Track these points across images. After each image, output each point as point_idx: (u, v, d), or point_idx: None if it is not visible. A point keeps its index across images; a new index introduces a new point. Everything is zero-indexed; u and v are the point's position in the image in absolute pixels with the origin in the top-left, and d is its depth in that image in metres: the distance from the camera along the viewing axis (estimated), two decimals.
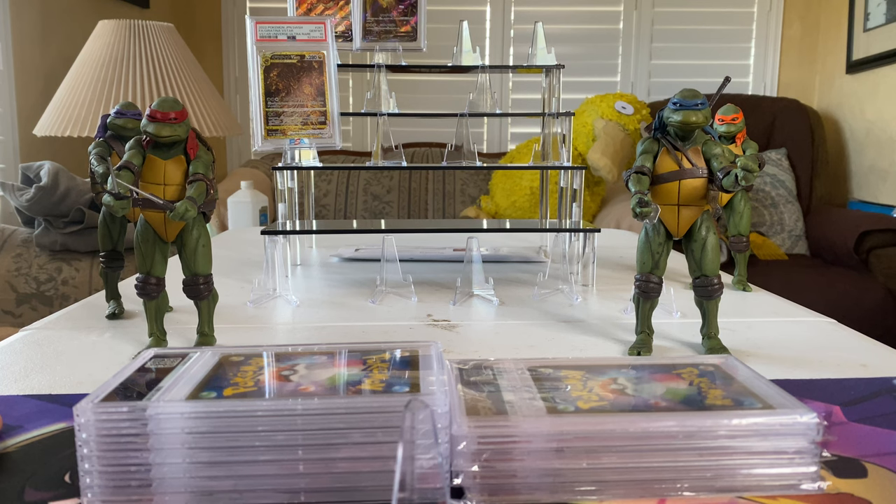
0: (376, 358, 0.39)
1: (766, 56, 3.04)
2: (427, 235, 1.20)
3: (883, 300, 2.18)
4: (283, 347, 0.41)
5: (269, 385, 0.35)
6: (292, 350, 0.41)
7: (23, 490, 0.36)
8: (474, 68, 0.99)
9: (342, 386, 0.35)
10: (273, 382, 0.35)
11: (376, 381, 0.35)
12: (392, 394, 0.34)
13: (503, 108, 2.92)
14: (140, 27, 1.98)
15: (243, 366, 0.37)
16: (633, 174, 0.58)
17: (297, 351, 0.40)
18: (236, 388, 0.34)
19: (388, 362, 0.38)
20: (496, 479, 0.33)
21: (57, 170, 1.73)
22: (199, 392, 0.34)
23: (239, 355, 0.39)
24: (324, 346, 0.41)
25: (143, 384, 0.36)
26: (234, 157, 3.15)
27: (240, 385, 0.34)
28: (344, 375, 0.36)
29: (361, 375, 0.36)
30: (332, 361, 0.38)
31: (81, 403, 0.32)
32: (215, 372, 0.36)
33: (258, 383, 0.35)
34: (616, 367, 0.42)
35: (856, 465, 0.39)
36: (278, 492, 0.33)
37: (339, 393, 0.34)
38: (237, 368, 0.36)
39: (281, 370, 0.37)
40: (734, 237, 0.86)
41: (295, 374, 0.36)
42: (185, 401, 0.33)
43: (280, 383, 0.35)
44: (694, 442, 0.34)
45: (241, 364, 0.37)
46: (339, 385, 0.35)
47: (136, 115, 0.71)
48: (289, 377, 0.36)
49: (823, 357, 0.60)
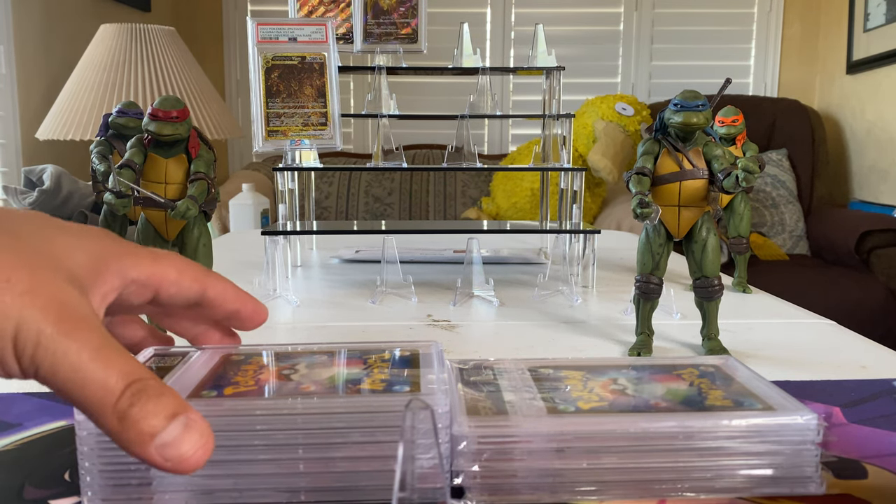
0: (376, 357, 0.39)
1: (767, 57, 3.04)
2: (427, 236, 1.20)
3: (884, 300, 2.18)
4: (283, 347, 0.41)
5: (270, 384, 0.35)
6: (292, 350, 0.41)
7: (22, 488, 0.36)
8: (475, 70, 0.99)
9: (341, 385, 0.35)
10: (273, 381, 0.35)
11: (377, 381, 0.35)
12: (392, 393, 0.34)
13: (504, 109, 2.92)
14: (142, 31, 1.99)
15: (244, 364, 0.37)
16: (633, 175, 0.58)
17: (297, 350, 0.40)
18: (237, 387, 0.34)
19: (388, 362, 0.38)
20: (496, 479, 0.33)
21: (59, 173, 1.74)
22: (200, 391, 0.34)
23: (239, 354, 0.39)
24: (324, 346, 0.41)
25: None
26: (235, 160, 3.15)
27: (240, 384, 0.34)
28: (343, 374, 0.36)
29: (361, 374, 0.36)
30: (333, 361, 0.38)
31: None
32: (216, 371, 0.36)
33: (259, 382, 0.35)
34: (616, 367, 0.42)
35: (856, 466, 0.39)
36: (278, 490, 0.33)
37: (338, 392, 0.34)
38: (238, 367, 0.37)
39: (281, 369, 0.37)
40: (734, 238, 0.86)
41: (295, 374, 0.36)
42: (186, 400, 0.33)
43: (280, 382, 0.35)
44: (694, 442, 0.34)
45: (242, 363, 0.37)
46: (338, 384, 0.35)
47: (138, 114, 0.71)
48: (289, 376, 0.36)
49: (823, 358, 0.60)
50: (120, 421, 0.24)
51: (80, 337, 0.25)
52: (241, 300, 0.37)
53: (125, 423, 0.24)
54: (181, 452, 0.25)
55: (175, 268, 0.33)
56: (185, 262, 0.34)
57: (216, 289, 0.35)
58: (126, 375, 0.25)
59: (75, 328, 0.25)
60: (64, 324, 0.25)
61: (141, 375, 0.25)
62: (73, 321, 0.25)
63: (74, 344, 0.24)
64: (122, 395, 0.25)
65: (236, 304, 0.37)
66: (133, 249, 0.32)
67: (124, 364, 0.25)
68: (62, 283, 0.26)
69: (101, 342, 0.25)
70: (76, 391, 0.24)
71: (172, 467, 0.25)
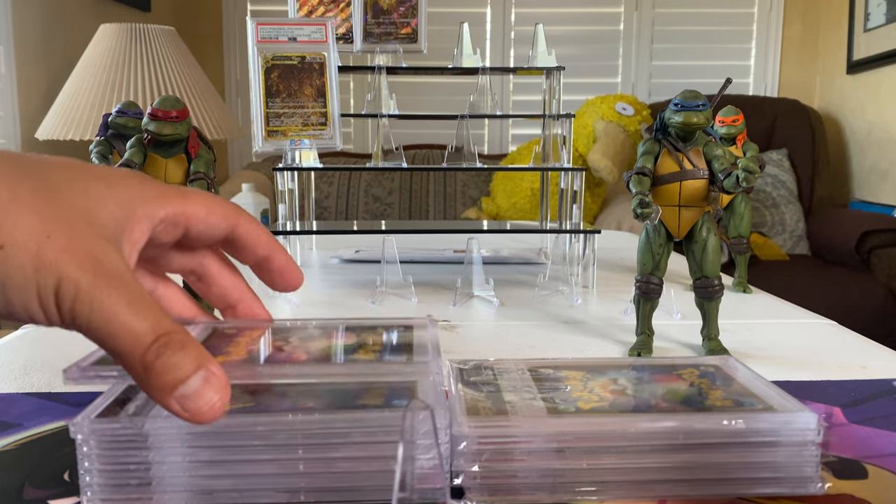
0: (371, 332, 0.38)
1: (767, 57, 3.04)
2: (427, 236, 1.20)
3: (884, 300, 2.18)
4: (280, 322, 0.40)
5: (262, 353, 0.34)
6: (290, 325, 0.40)
7: (22, 488, 0.36)
8: (475, 70, 0.99)
9: (338, 355, 0.34)
10: (266, 349, 0.35)
11: (370, 351, 0.35)
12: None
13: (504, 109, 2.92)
14: (142, 31, 1.98)
15: (237, 337, 0.36)
16: (633, 175, 0.58)
17: (294, 326, 0.39)
18: (227, 356, 0.33)
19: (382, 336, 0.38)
20: (496, 479, 0.33)
21: None
22: None
23: (232, 328, 0.38)
24: (320, 321, 0.40)
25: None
26: (235, 160, 3.15)
27: (231, 353, 0.33)
28: (340, 346, 0.36)
29: (356, 345, 0.36)
30: (328, 334, 0.38)
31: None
32: (207, 343, 0.35)
33: (250, 353, 0.34)
34: (616, 367, 0.42)
35: (856, 466, 0.39)
36: (278, 491, 0.33)
37: (333, 360, 0.34)
38: (230, 340, 0.35)
39: (275, 341, 0.36)
40: (734, 239, 0.86)
41: (288, 345, 0.36)
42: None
43: (273, 352, 0.35)
44: (694, 442, 0.34)
45: (235, 336, 0.36)
46: (333, 354, 0.35)
47: (138, 114, 0.71)
48: (282, 347, 0.35)
49: (824, 359, 0.60)
50: (146, 371, 0.27)
51: (113, 291, 0.27)
52: (273, 248, 0.37)
53: (150, 373, 0.27)
54: (199, 405, 0.27)
55: (204, 205, 0.34)
56: (214, 200, 0.35)
57: (246, 227, 0.35)
58: (154, 329, 0.27)
59: (109, 283, 0.27)
60: (99, 279, 0.27)
61: (168, 329, 0.27)
62: (107, 277, 0.27)
63: (108, 298, 0.27)
64: (150, 348, 0.27)
65: (267, 250, 0.36)
66: (162, 190, 0.33)
67: (153, 317, 0.27)
68: (97, 238, 0.28)
69: (132, 296, 0.27)
70: (108, 341, 0.27)
71: (190, 417, 0.27)
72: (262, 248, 0.36)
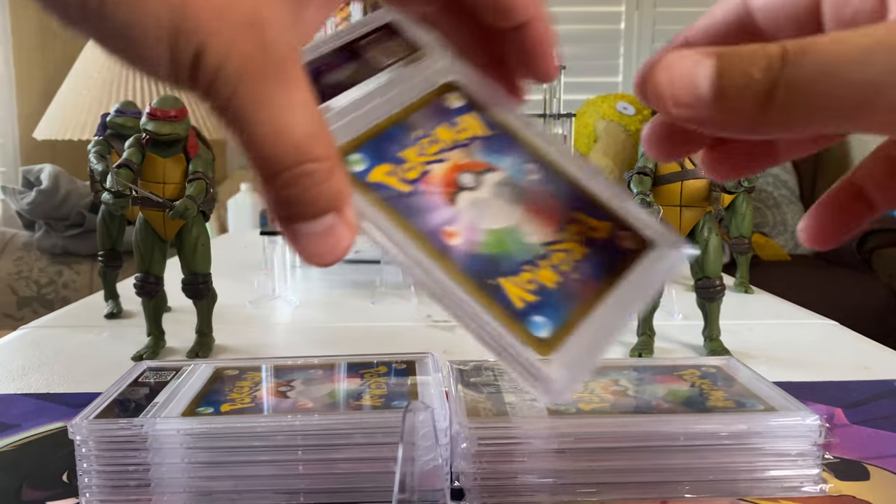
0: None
1: None
2: None
3: (886, 300, 2.18)
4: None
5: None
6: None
7: (20, 489, 0.36)
8: None
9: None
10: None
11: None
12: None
13: None
14: None
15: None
16: (634, 175, 0.58)
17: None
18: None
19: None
20: (497, 480, 0.33)
21: (57, 173, 1.73)
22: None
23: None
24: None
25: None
26: (234, 160, 3.15)
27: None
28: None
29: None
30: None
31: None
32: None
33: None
34: (618, 368, 0.41)
35: (858, 467, 0.39)
36: (278, 493, 0.33)
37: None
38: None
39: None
40: (736, 239, 0.86)
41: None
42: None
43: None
44: (695, 443, 0.34)
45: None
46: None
47: (136, 114, 0.71)
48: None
49: (825, 359, 0.60)
50: (276, 193, 0.22)
51: (264, 87, 0.21)
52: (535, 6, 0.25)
53: (279, 199, 0.22)
54: (317, 249, 0.23)
55: None
56: None
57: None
58: (297, 152, 0.22)
59: (263, 74, 0.21)
60: (252, 64, 0.21)
61: (313, 156, 0.22)
62: (262, 62, 0.21)
63: (256, 94, 0.21)
64: (284, 173, 0.22)
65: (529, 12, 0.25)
66: None
67: (301, 136, 0.22)
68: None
69: (286, 99, 0.22)
70: (242, 137, 0.22)
71: (307, 258, 0.23)
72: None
